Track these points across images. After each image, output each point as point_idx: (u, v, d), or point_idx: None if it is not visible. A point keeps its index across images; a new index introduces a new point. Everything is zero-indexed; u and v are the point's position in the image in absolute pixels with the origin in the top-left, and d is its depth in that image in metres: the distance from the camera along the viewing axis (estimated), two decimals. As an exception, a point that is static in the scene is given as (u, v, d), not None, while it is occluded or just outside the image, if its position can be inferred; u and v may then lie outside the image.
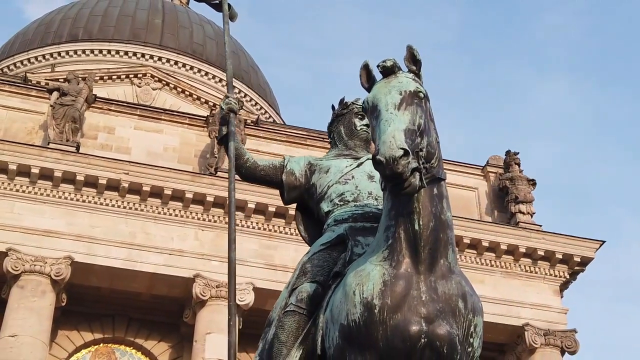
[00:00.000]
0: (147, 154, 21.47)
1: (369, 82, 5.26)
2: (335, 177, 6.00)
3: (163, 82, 31.76)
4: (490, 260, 22.34)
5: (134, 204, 20.13)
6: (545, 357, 21.59)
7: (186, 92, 31.97)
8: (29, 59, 33.53)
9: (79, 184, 19.84)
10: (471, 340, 4.95)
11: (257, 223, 20.85)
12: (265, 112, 35.83)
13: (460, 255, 22.06)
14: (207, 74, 34.15)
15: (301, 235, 6.18)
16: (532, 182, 24.07)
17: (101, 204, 19.98)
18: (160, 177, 20.27)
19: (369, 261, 5.09)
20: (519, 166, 24.29)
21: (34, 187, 19.71)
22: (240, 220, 20.45)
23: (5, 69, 33.58)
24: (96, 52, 33.07)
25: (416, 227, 4.95)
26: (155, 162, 21.08)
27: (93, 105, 22.05)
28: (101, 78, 30.44)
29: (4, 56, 34.57)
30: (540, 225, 23.21)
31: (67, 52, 33.06)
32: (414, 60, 5.21)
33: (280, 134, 24.26)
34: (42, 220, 19.41)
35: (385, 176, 4.70)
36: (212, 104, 30.30)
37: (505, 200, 23.75)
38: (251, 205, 20.63)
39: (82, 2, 36.37)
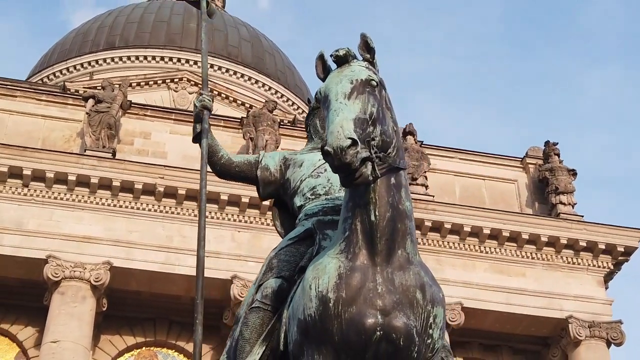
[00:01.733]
0: (183, 158, 21.59)
1: (324, 72, 5.15)
2: (308, 170, 5.91)
3: (199, 85, 31.92)
4: (530, 253, 22.05)
5: (170, 207, 20.27)
6: (591, 350, 21.25)
7: (222, 95, 32.13)
8: (67, 68, 34.00)
9: (115, 190, 20.05)
10: (430, 331, 4.83)
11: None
12: (303, 111, 35.83)
13: (500, 249, 21.84)
14: (242, 75, 34.29)
15: (277, 231, 6.11)
16: (573, 173, 23.70)
17: (138, 208, 20.16)
18: (196, 180, 20.29)
19: (327, 254, 5.01)
20: (559, 157, 23.94)
21: (71, 194, 19.96)
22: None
23: (45, 79, 34.10)
24: (133, 58, 33.41)
25: (372, 217, 4.85)
26: (191, 166, 21.16)
27: (128, 111, 22.26)
28: (138, 84, 30.75)
29: (44, 66, 35.11)
30: (582, 216, 22.85)
31: (104, 60, 33.45)
32: (367, 48, 5.10)
33: (316, 133, 24.21)
34: (81, 226, 19.65)
35: (334, 167, 4.59)
36: (248, 105, 30.42)
37: (546, 191, 23.42)
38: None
39: (118, 10, 36.80)
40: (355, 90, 4.84)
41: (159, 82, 31.83)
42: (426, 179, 22.45)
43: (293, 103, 35.74)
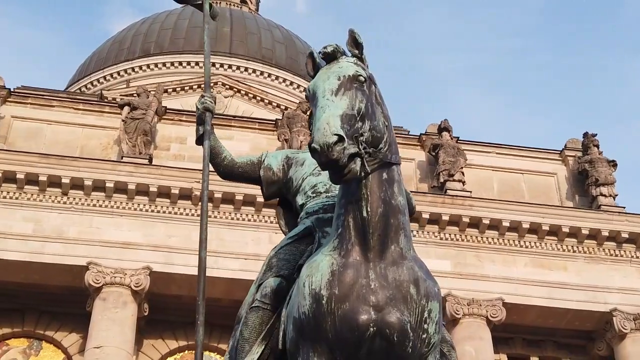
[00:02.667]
0: (219, 162, 21.69)
1: (314, 70, 5.12)
2: (310, 169, 5.88)
3: (234, 89, 32.11)
4: (572, 246, 21.78)
5: (208, 211, 20.34)
6: (637, 343, 20.92)
7: (257, 98, 32.23)
8: (104, 77, 34.39)
9: (152, 195, 20.22)
10: (425, 326, 4.79)
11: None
12: (339, 111, 35.84)
13: (540, 243, 21.61)
14: (277, 77, 34.38)
15: (282, 230, 6.09)
16: (613, 164, 23.34)
17: (175, 213, 20.31)
18: (232, 184, 20.44)
19: (321, 252, 5.00)
20: (598, 148, 23.61)
21: (110, 201, 20.18)
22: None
23: (83, 88, 34.53)
24: (168, 64, 33.68)
25: (364, 213, 4.83)
26: (227, 169, 21.30)
27: (164, 117, 22.43)
28: (174, 90, 30.99)
29: (82, 76, 35.55)
30: (624, 207, 22.51)
31: (140, 67, 33.77)
32: (355, 44, 5.05)
33: (351, 132, 24.19)
34: (120, 232, 19.85)
35: (321, 164, 4.56)
36: (283, 107, 30.48)
37: (586, 183, 23.10)
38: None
39: (152, 17, 37.12)
40: (343, 86, 4.82)
41: (194, 87, 32.04)
42: (463, 174, 22.29)
43: (330, 103, 35.69)
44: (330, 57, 5.02)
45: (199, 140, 6.11)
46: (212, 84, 32.27)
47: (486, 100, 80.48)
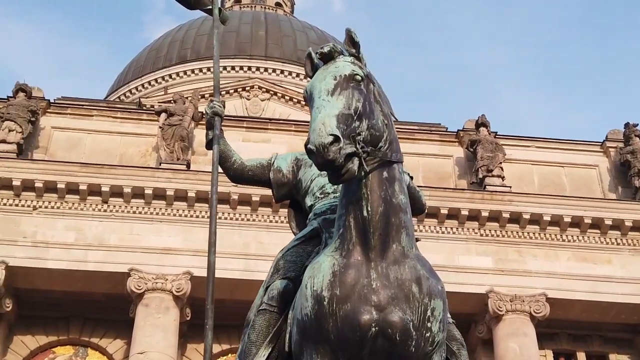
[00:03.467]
0: (256, 165, 21.77)
1: (313, 71, 5.09)
2: (318, 170, 5.87)
3: (270, 92, 32.21)
4: (615, 239, 21.45)
5: (246, 214, 20.46)
6: (686, 335, 20.53)
7: (294, 100, 32.29)
8: (142, 85, 34.72)
9: (191, 201, 20.36)
10: (429, 324, 4.74)
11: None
12: (376, 111, 35.76)
13: (582, 236, 21.32)
14: (313, 79, 34.39)
15: (293, 232, 6.04)
16: (656, 154, 22.93)
17: (214, 217, 20.36)
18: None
19: (323, 253, 4.98)
20: (640, 138, 23.22)
21: (149, 208, 20.37)
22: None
23: (122, 97, 34.90)
24: (204, 70, 33.89)
25: (365, 213, 4.80)
26: (264, 172, 21.36)
27: (201, 122, 22.55)
28: (211, 95, 31.09)
29: (120, 85, 35.95)
30: (669, 197, 22.10)
31: (177, 74, 34.05)
32: (352, 43, 5.02)
33: (387, 131, 24.11)
34: (160, 238, 20.02)
35: (318, 164, 4.54)
36: (320, 108, 30.48)
37: (628, 174, 22.75)
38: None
39: (188, 24, 37.38)
40: (339, 86, 4.79)
41: (231, 91, 32.21)
42: (502, 170, 22.08)
43: (365, 103, 35.65)
44: (328, 57, 4.99)
45: (209, 145, 6.11)
46: (248, 87, 32.59)
47: (525, 94, 79.72)
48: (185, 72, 34.10)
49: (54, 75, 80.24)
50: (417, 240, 5.54)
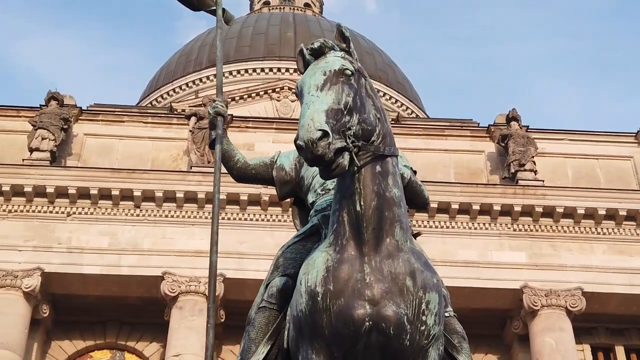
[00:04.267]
0: (287, 166, 21.80)
1: (305, 67, 5.06)
2: (309, 165, 5.83)
3: (300, 92, 32.19)
4: (653, 230, 21.13)
5: (277, 215, 20.49)
6: None
7: (324, 99, 32.27)
8: (173, 89, 34.94)
9: (222, 203, 20.39)
10: (424, 318, 4.70)
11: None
12: (407, 108, 35.60)
13: (618, 229, 21.07)
14: (343, 78, 34.33)
15: (297, 230, 6.02)
16: (691, 142, 22.59)
17: (245, 219, 20.50)
18: (298, 187, 20.49)
19: (318, 249, 4.97)
20: (674, 127, 22.86)
21: (181, 211, 20.50)
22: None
23: (154, 102, 35.15)
24: (234, 72, 34.02)
25: (358, 207, 4.78)
26: (295, 173, 21.38)
27: (231, 124, 22.61)
28: (241, 97, 31.27)
29: (152, 90, 36.21)
30: None
31: (207, 77, 34.21)
32: (343, 38, 5.00)
33: (418, 129, 24.02)
34: (193, 241, 20.12)
35: (308, 160, 4.52)
36: (350, 107, 30.47)
37: (665, 165, 22.41)
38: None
39: (217, 27, 37.46)
40: (329, 81, 4.77)
41: (261, 93, 32.28)
42: (534, 164, 21.87)
43: (396, 100, 35.56)
44: (318, 52, 4.99)
45: (212, 145, 6.11)
46: (278, 89, 32.63)
47: (558, 87, 78.92)
48: (215, 76, 34.15)
49: (90, 83, 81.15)
50: (417, 234, 5.51)
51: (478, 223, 20.82)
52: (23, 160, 21.06)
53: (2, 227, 20.21)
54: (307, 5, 43.57)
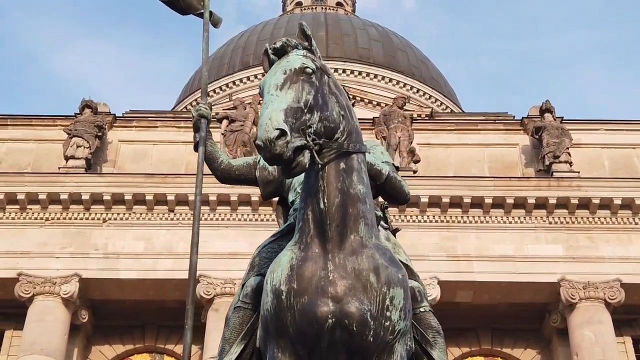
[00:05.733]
0: (318, 166, 21.83)
1: (270, 66, 5.09)
2: (268, 164, 5.79)
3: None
4: (692, 220, 20.71)
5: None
6: None
7: (356, 98, 32.19)
8: (207, 93, 35.10)
9: (255, 205, 20.51)
10: (388, 313, 4.69)
11: (434, 216, 20.60)
12: (441, 103, 35.40)
13: (652, 219, 20.67)
14: (375, 76, 34.32)
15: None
16: None
17: (275, 220, 20.48)
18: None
19: (286, 247, 4.99)
20: None
21: (214, 214, 20.62)
22: (417, 216, 20.40)
23: (189, 106, 35.40)
24: (267, 75, 34.08)
25: (321, 205, 4.80)
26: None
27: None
28: (273, 99, 31.29)
29: (186, 95, 36.49)
30: None
31: (240, 80, 34.37)
32: (305, 36, 5.03)
33: (451, 124, 23.87)
34: (227, 243, 20.22)
35: (266, 159, 4.52)
36: (383, 105, 30.35)
37: (703, 152, 21.97)
38: (424, 200, 20.43)
39: (249, 30, 37.72)
40: (289, 79, 4.78)
41: (292, 94, 32.29)
42: (569, 155, 21.59)
43: (430, 96, 35.39)
44: (281, 52, 5.03)
45: (196, 147, 6.13)
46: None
47: (594, 78, 77.88)
48: (248, 78, 34.39)
49: (127, 90, 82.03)
50: (396, 230, 5.48)
51: (513, 217, 20.61)
52: (59, 168, 21.36)
53: (40, 235, 20.52)
54: (339, 4, 43.55)
